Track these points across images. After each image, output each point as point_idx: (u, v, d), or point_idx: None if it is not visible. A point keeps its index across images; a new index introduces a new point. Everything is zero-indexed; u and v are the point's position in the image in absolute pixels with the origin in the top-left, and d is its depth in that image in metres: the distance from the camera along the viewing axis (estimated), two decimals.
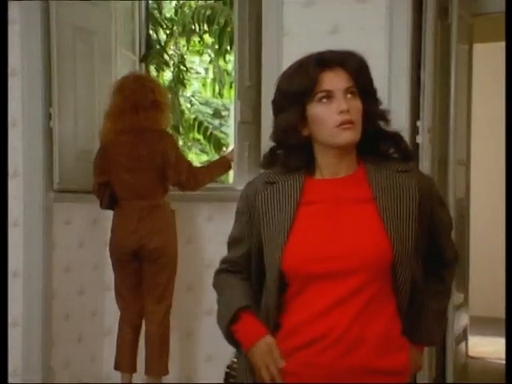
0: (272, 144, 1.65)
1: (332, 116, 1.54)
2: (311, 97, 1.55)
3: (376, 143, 1.61)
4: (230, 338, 1.63)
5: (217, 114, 10.72)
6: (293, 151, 1.60)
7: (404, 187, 1.55)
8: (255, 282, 1.66)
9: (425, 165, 3.04)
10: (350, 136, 1.54)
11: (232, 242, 1.71)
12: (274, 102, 1.63)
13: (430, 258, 1.65)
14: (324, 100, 1.55)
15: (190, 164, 3.55)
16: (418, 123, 3.08)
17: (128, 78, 3.55)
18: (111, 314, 3.82)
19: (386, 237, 1.51)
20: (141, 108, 3.42)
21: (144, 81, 3.53)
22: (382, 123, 1.61)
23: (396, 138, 1.62)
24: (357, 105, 1.55)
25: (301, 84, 1.55)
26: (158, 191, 3.52)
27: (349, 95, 1.55)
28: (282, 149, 1.63)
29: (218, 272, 1.75)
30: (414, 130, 3.07)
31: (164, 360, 3.54)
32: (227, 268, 1.72)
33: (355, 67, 1.56)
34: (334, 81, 1.54)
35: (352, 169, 1.60)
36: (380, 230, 1.52)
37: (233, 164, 3.64)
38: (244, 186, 1.71)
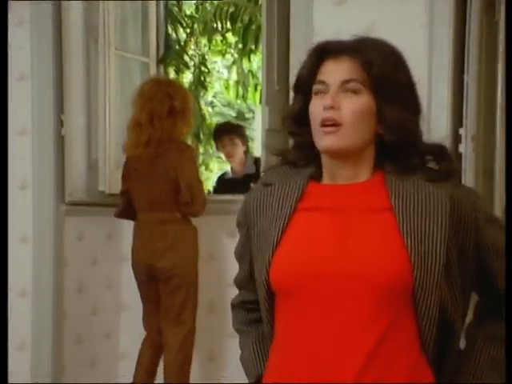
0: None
1: (319, 112, 1.38)
2: (311, 88, 1.42)
3: (406, 156, 1.39)
4: None
5: (240, 116, 10.72)
6: (296, 147, 1.49)
7: (431, 197, 1.34)
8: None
9: (468, 176, 2.97)
10: (332, 142, 1.35)
11: (236, 258, 1.57)
12: None
13: (481, 289, 1.46)
14: (318, 93, 1.40)
15: (202, 190, 3.52)
16: (461, 131, 3.00)
17: (147, 85, 3.54)
18: (126, 335, 3.79)
19: (404, 254, 1.31)
20: (156, 118, 3.41)
21: (162, 87, 3.49)
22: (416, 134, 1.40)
23: (436, 152, 1.40)
24: (356, 103, 1.36)
25: (301, 73, 1.43)
26: (171, 204, 3.48)
27: (349, 90, 1.37)
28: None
29: (235, 309, 1.60)
30: (457, 138, 3.00)
31: None
32: (243, 303, 1.56)
33: (370, 57, 1.35)
34: (332, 71, 1.38)
35: (366, 175, 1.41)
36: (398, 245, 1.32)
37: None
38: None
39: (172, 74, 5.38)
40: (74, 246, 3.81)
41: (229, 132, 4.40)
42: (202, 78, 6.11)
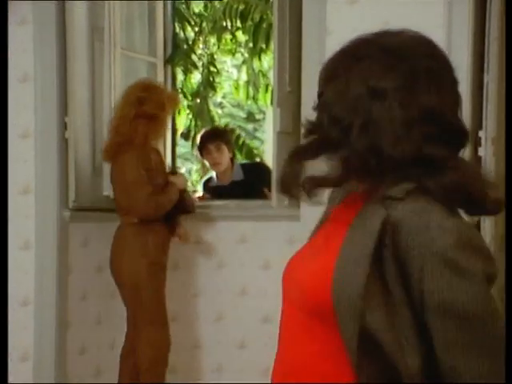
0: None
1: None
2: None
3: (379, 167, 1.26)
4: None
5: (250, 117, 10.72)
6: None
7: (371, 218, 1.23)
8: None
9: None
10: None
11: None
12: None
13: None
14: None
15: (139, 193, 3.44)
16: (481, 133, 2.98)
17: (128, 89, 3.61)
18: None
19: (330, 276, 1.24)
20: (121, 123, 3.48)
21: (137, 91, 3.54)
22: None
23: (408, 164, 1.23)
24: None
25: None
26: (124, 209, 3.53)
27: None
28: None
29: None
30: (476, 142, 2.98)
31: None
32: None
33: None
34: None
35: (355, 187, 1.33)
36: (330, 266, 1.25)
37: None
38: None
39: (180, 75, 5.38)
40: (78, 253, 3.80)
41: (215, 139, 4.35)
42: (211, 79, 6.11)
